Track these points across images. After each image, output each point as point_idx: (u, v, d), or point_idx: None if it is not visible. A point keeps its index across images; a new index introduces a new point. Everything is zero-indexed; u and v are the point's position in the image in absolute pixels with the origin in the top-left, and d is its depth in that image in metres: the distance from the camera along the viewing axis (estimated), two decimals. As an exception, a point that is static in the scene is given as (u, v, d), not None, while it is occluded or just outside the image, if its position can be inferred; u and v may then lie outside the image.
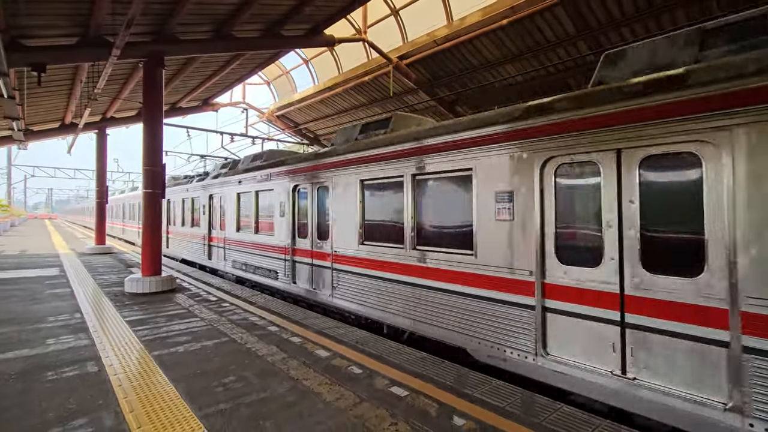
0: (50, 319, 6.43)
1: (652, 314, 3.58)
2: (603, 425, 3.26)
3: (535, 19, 10.95)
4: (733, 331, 3.15)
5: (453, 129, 5.40)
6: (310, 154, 8.49)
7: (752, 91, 3.09)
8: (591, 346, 3.92)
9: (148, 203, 8.93)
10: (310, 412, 3.46)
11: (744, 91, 3.13)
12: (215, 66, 12.08)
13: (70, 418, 3.33)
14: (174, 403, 3.62)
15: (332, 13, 10.06)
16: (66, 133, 16.64)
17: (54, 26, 7.50)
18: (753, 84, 3.09)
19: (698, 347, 3.33)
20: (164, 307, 7.35)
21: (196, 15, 8.30)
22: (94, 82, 9.15)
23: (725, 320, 3.20)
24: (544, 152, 4.36)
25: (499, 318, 4.72)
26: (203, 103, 17.22)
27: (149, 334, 5.71)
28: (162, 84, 9.24)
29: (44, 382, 4.06)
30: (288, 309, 7.28)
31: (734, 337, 3.14)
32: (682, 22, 9.53)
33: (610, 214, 3.86)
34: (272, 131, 24.40)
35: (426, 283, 5.67)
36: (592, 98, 4.03)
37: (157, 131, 9.07)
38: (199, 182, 14.03)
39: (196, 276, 10.96)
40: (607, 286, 3.86)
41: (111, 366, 4.49)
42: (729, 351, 3.17)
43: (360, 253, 6.84)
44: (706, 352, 3.29)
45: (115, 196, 30.32)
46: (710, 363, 3.26)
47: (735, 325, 3.14)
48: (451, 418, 3.40)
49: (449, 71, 14.20)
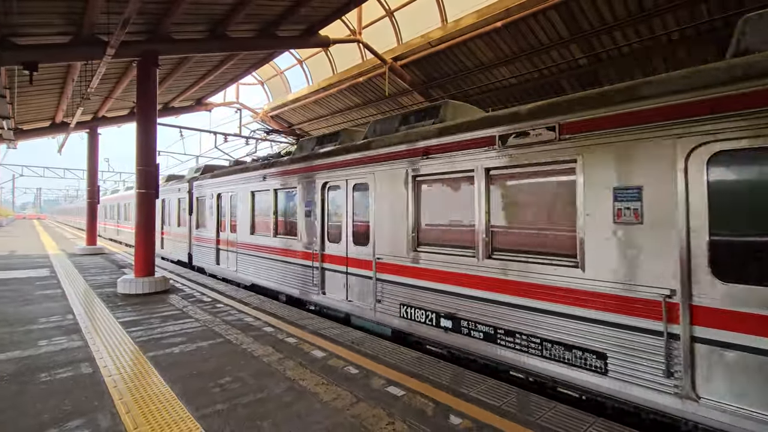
0: (42, 320, 6.36)
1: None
2: (597, 423, 3.32)
3: (528, 21, 11.05)
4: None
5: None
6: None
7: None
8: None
9: (142, 203, 8.88)
10: (307, 412, 3.47)
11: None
12: (209, 66, 12.03)
13: (65, 420, 3.31)
14: (170, 404, 3.61)
15: (327, 14, 10.08)
16: (57, 132, 16.44)
17: (47, 24, 7.43)
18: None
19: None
20: (158, 308, 7.30)
21: (191, 15, 8.27)
22: (87, 81, 9.07)
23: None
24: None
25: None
26: (196, 102, 17.13)
27: (143, 335, 5.67)
28: (156, 83, 9.18)
29: (38, 383, 4.02)
30: (283, 310, 7.27)
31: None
32: (671, 27, 9.69)
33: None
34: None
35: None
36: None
37: (150, 131, 9.02)
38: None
39: (190, 277, 10.89)
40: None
41: (105, 367, 4.46)
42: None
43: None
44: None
45: (108, 195, 29.90)
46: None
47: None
48: (447, 417, 3.44)
49: (444, 73, 14.28)
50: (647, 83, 3.70)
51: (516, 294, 4.52)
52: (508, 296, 4.59)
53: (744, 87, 3.10)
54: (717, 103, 3.21)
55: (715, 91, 3.23)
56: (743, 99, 3.09)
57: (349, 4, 9.63)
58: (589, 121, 3.96)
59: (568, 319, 4.05)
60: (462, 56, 13.23)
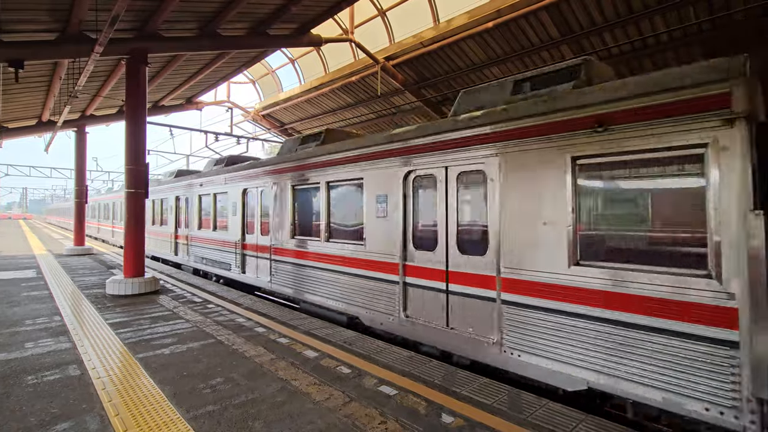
0: (28, 322, 6.25)
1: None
2: (586, 420, 3.35)
3: (519, 22, 11.14)
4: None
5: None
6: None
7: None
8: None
9: (131, 203, 8.77)
10: (299, 413, 3.46)
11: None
12: (200, 64, 11.91)
13: (53, 423, 3.26)
14: (161, 405, 3.58)
15: (319, 13, 10.04)
16: (43, 131, 16.16)
17: (33, 21, 7.29)
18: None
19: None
20: (148, 309, 7.21)
21: (181, 12, 8.18)
22: (75, 79, 8.93)
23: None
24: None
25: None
26: (187, 101, 16.94)
27: (133, 336, 5.60)
28: (146, 82, 9.07)
29: (24, 386, 3.95)
30: (275, 310, 7.23)
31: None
32: (660, 29, 9.83)
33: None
34: (258, 131, 24.16)
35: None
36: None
37: (140, 130, 8.91)
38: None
39: (181, 277, 10.78)
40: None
41: (94, 369, 4.40)
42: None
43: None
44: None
45: (103, 195, 29.19)
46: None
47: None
48: (439, 415, 3.45)
49: (435, 73, 14.32)
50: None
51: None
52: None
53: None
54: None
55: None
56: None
57: (341, 3, 9.60)
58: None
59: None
60: (454, 56, 13.28)
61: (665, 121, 3.45)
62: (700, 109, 3.29)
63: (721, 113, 3.18)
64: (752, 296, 3.00)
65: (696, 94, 3.31)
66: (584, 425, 3.27)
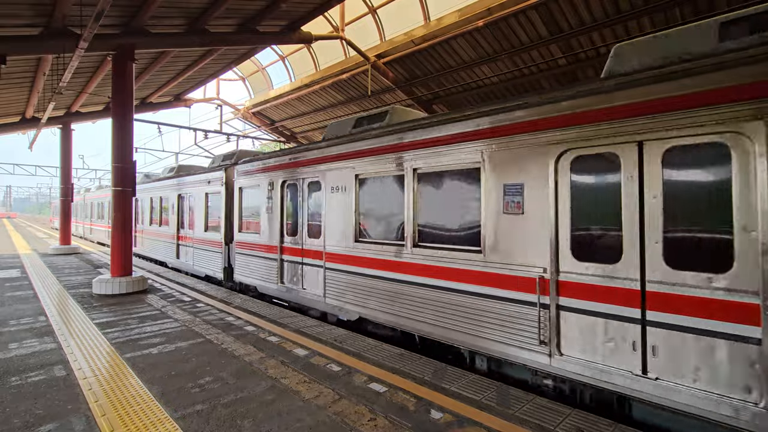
0: (12, 322, 6.14)
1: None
2: (572, 414, 3.41)
3: (509, 21, 11.19)
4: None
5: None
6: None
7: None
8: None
9: (118, 202, 8.65)
10: (288, 410, 3.46)
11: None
12: (188, 60, 11.77)
13: (37, 424, 3.21)
14: (148, 405, 3.55)
15: (309, 10, 9.98)
16: (27, 128, 15.85)
17: (15, 15, 7.13)
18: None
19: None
20: (135, 308, 7.13)
21: (168, 8, 8.07)
22: (59, 75, 8.76)
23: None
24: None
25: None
26: (175, 98, 16.73)
27: (120, 336, 5.53)
28: (132, 78, 8.94)
29: (8, 387, 3.89)
30: (265, 308, 7.20)
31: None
32: (647, 29, 9.96)
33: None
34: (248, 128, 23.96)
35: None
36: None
37: (127, 127, 8.78)
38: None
39: (170, 276, 10.67)
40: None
41: (80, 369, 4.34)
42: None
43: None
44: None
45: (94, 192, 28.41)
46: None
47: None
48: (429, 411, 3.48)
49: (426, 71, 14.33)
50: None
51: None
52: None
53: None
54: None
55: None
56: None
57: (331, 0, 9.56)
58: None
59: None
60: (444, 54, 13.30)
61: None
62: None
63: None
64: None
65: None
66: (570, 419, 3.33)
